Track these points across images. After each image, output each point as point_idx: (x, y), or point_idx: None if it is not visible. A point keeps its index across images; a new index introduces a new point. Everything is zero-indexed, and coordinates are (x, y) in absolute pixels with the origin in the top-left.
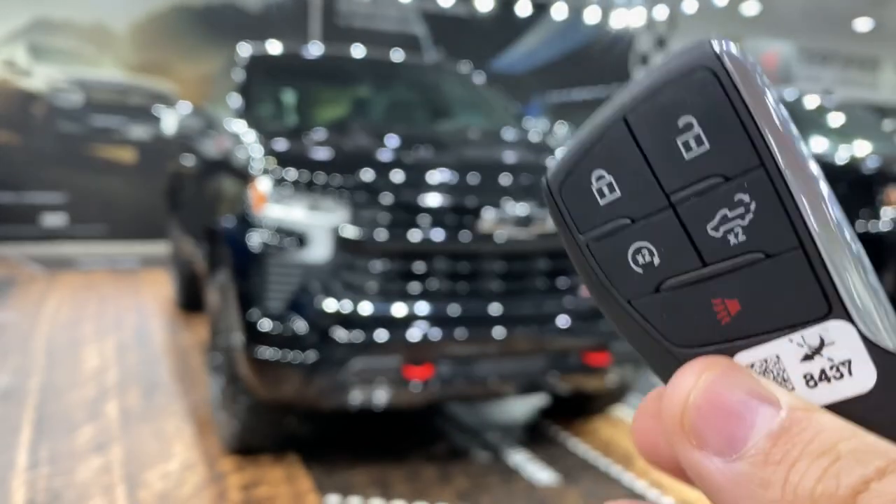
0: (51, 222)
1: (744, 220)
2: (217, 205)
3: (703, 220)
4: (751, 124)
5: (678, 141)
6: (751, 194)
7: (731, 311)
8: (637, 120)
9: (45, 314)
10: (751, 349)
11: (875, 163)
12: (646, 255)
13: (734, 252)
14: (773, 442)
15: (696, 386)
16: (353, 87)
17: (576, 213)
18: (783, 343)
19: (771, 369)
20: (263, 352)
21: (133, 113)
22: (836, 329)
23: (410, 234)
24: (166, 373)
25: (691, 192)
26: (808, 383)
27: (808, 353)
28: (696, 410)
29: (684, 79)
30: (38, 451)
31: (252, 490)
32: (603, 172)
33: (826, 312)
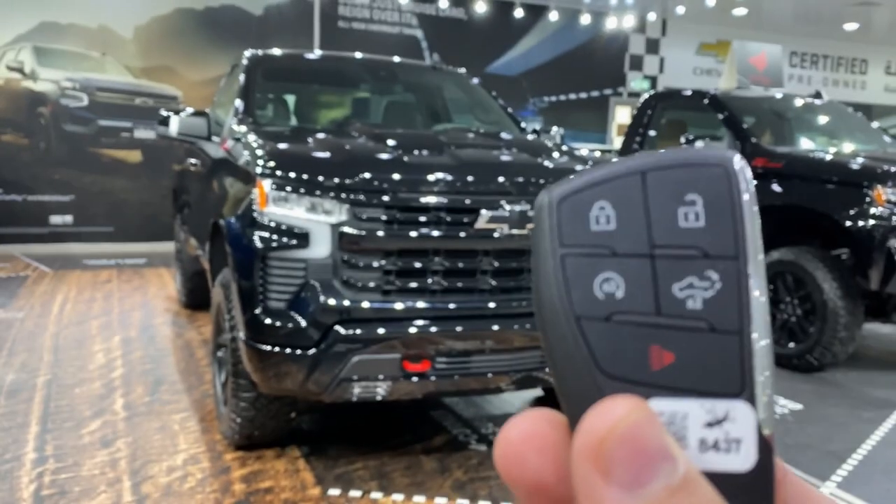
0: (58, 222)
1: (706, 293)
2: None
3: (673, 277)
4: (740, 223)
5: (679, 210)
6: (720, 276)
7: (664, 361)
8: (654, 179)
9: (53, 312)
10: (666, 399)
11: (863, 162)
12: (612, 285)
13: (688, 314)
14: (669, 494)
15: (626, 419)
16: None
17: (565, 228)
18: (695, 405)
19: (676, 423)
20: (266, 347)
21: (139, 115)
22: (740, 409)
23: (409, 232)
24: (171, 369)
25: (673, 252)
26: (701, 447)
27: (712, 421)
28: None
29: (705, 166)
30: (45, 445)
31: (255, 483)
32: (606, 205)
33: (738, 392)
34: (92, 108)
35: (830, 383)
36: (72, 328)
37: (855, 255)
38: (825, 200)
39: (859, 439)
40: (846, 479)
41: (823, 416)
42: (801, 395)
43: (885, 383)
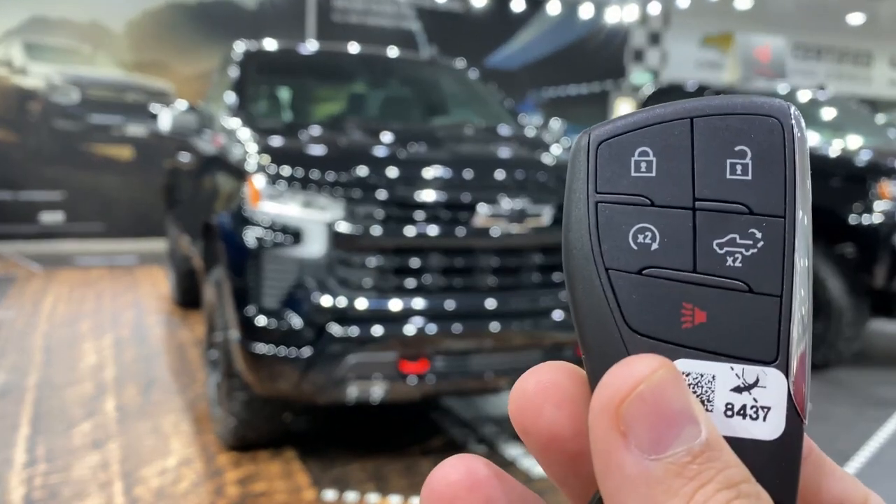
0: (48, 220)
1: (747, 252)
2: (213, 201)
3: (714, 233)
4: (791, 180)
5: (728, 161)
6: (764, 234)
7: (696, 319)
8: (703, 126)
9: (43, 311)
10: (695, 360)
11: (867, 156)
12: (648, 237)
13: (726, 273)
14: (691, 458)
15: (650, 379)
16: (349, 83)
17: (602, 173)
18: (725, 368)
19: (702, 385)
20: (260, 347)
21: (130, 110)
22: (773, 377)
23: (405, 229)
24: (163, 369)
25: (716, 206)
26: (727, 412)
27: (741, 385)
28: (640, 402)
29: (758, 117)
30: (36, 447)
31: (249, 485)
32: (648, 150)
33: (773, 359)
34: (82, 103)
35: (836, 382)
36: (63, 328)
37: (860, 251)
38: (830, 195)
39: (865, 438)
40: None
41: (829, 414)
42: None
43: (891, 381)
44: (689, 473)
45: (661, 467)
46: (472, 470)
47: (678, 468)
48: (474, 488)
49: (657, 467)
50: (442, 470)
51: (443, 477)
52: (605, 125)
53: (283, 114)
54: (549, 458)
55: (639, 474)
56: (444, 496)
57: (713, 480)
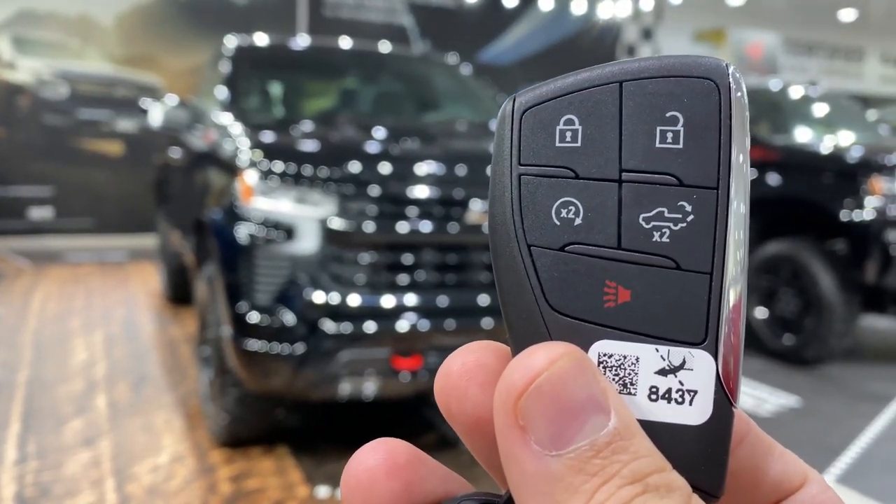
0: (37, 216)
1: (675, 226)
2: (204, 197)
3: (640, 207)
4: (726, 149)
5: (658, 128)
6: (694, 208)
7: (619, 298)
8: (633, 90)
9: (33, 308)
10: (617, 341)
11: (859, 152)
12: (571, 211)
13: (652, 249)
14: (594, 452)
15: (549, 370)
16: (341, 78)
17: (525, 143)
18: (649, 349)
19: (625, 367)
20: (252, 344)
21: (119, 105)
22: (700, 360)
23: (398, 225)
24: (155, 366)
25: (644, 178)
26: (651, 395)
27: (666, 368)
28: (538, 396)
29: (692, 79)
30: (27, 445)
31: (242, 482)
32: (574, 119)
33: (700, 341)
34: (71, 98)
35: (827, 377)
36: (53, 325)
37: (851, 247)
38: (821, 191)
39: (856, 433)
40: (843, 473)
41: (820, 409)
42: (798, 389)
43: (882, 377)
44: (591, 469)
45: (561, 464)
46: (392, 454)
47: (580, 464)
48: (392, 472)
49: (557, 464)
50: (360, 454)
51: (360, 462)
52: (531, 90)
53: (274, 109)
54: (474, 440)
55: (538, 472)
56: (362, 481)
57: (617, 475)
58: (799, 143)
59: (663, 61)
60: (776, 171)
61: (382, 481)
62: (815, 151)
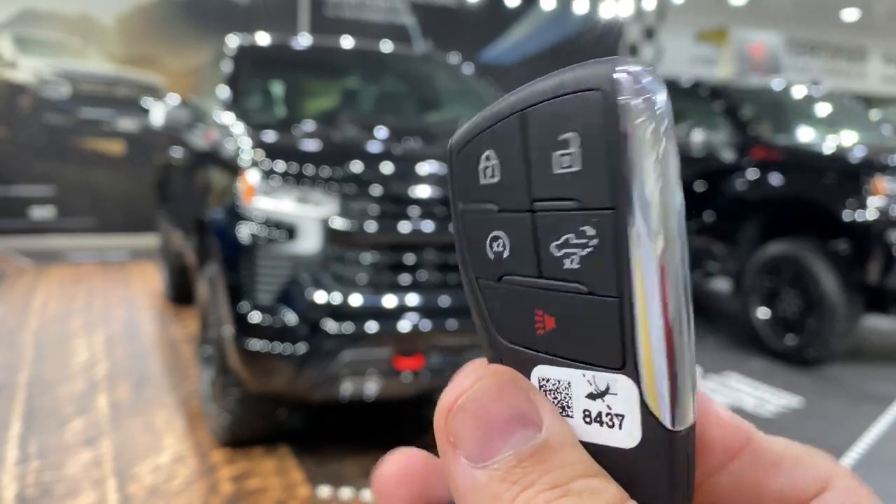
0: (39, 215)
1: (583, 251)
2: (206, 197)
3: (551, 235)
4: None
5: (553, 153)
6: (596, 231)
7: (547, 326)
8: (534, 117)
9: (34, 308)
10: (552, 367)
11: (861, 152)
12: (500, 244)
13: (565, 276)
14: (517, 462)
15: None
16: (343, 78)
17: (461, 182)
18: (577, 375)
19: (560, 391)
20: (254, 344)
21: (121, 105)
22: (623, 385)
23: (400, 225)
24: (156, 366)
25: (552, 205)
26: (585, 418)
27: (594, 392)
28: (462, 413)
29: (582, 94)
30: (28, 445)
31: (243, 482)
32: (492, 154)
33: (619, 366)
34: (73, 98)
35: (829, 377)
36: (54, 324)
37: (853, 247)
38: (823, 192)
39: (858, 434)
40: None
41: (822, 410)
42: (800, 390)
43: (885, 377)
44: (512, 477)
45: (485, 474)
46: (408, 464)
47: (503, 473)
48: (404, 482)
49: (482, 474)
50: (381, 464)
51: (380, 472)
52: (461, 130)
53: (276, 109)
54: None
55: (466, 483)
56: (380, 490)
57: (538, 482)
58: (801, 143)
59: (555, 79)
60: (778, 172)
61: (394, 491)
62: (817, 152)
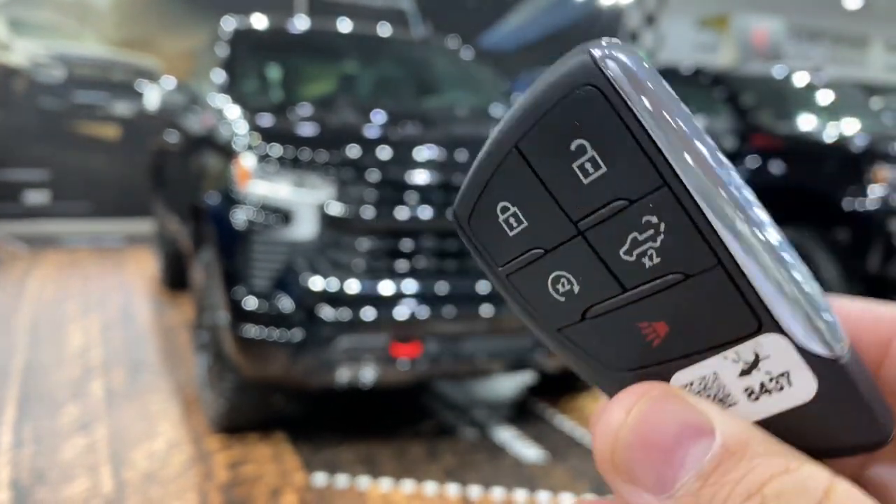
0: (33, 200)
1: (655, 242)
2: (201, 182)
3: (614, 245)
4: (646, 141)
5: (574, 166)
6: (658, 215)
7: (660, 333)
8: (529, 147)
9: (29, 293)
10: (688, 368)
11: (863, 141)
12: (565, 283)
13: (651, 275)
14: (702, 482)
15: (626, 422)
16: (340, 62)
17: (489, 246)
18: (718, 360)
19: (710, 386)
20: (249, 330)
21: (116, 89)
22: (770, 343)
23: (398, 211)
24: (152, 351)
25: (598, 218)
26: (750, 397)
27: (745, 368)
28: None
29: (567, 98)
30: (23, 430)
31: (239, 468)
32: (507, 204)
33: (756, 328)
34: (68, 81)
35: None
36: (49, 309)
37: (854, 236)
38: (824, 180)
39: None
40: None
41: None
42: None
43: None
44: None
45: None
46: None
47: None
48: None
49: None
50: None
51: None
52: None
53: (273, 92)
54: None
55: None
56: None
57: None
58: (802, 131)
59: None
60: (779, 160)
61: None
62: (818, 140)
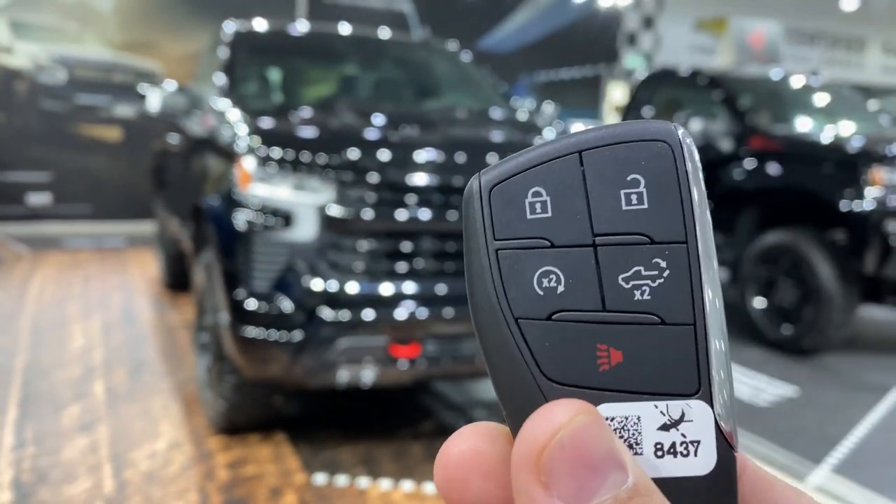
0: (35, 201)
1: (654, 283)
2: (202, 184)
3: (618, 268)
4: (688, 203)
5: (622, 192)
6: (668, 263)
7: (612, 360)
8: (592, 159)
9: (31, 293)
10: (617, 403)
11: (859, 143)
12: (552, 280)
13: (636, 307)
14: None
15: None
16: (340, 65)
17: (498, 219)
18: (648, 407)
19: (628, 428)
20: (250, 331)
21: (118, 91)
22: (698, 408)
23: (397, 213)
24: (153, 352)
25: (617, 240)
26: (657, 452)
27: (667, 423)
28: (560, 450)
29: (647, 142)
30: (24, 430)
31: (239, 469)
32: (541, 191)
33: (695, 391)
34: (69, 83)
35: (825, 367)
36: (51, 310)
37: (850, 237)
38: (821, 181)
39: (854, 423)
40: (841, 463)
41: (818, 400)
42: (796, 379)
43: (880, 367)
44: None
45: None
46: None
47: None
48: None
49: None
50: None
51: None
52: (494, 168)
53: (273, 95)
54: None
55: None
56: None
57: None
58: (800, 132)
59: (619, 128)
60: (776, 161)
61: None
62: (815, 141)
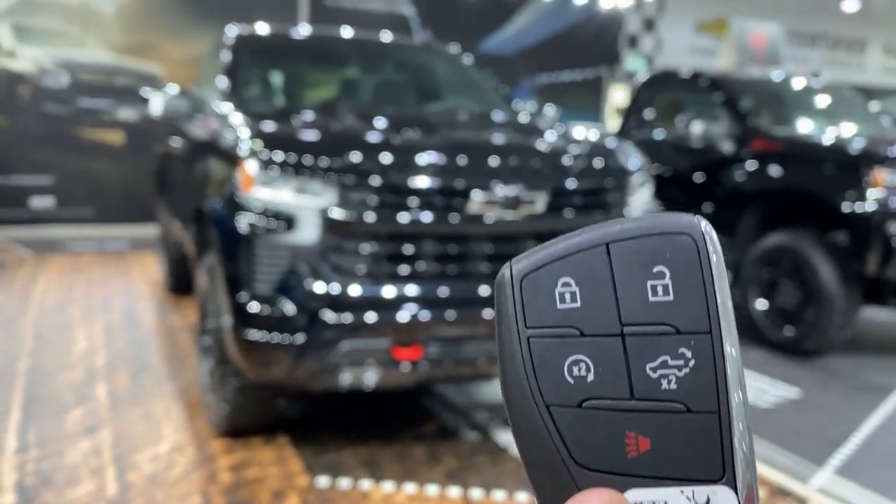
0: (38, 205)
1: (680, 372)
2: (205, 187)
3: (645, 358)
4: (711, 295)
5: (648, 283)
6: (693, 352)
7: (640, 447)
8: (619, 251)
9: (34, 297)
10: (645, 489)
11: (861, 144)
12: (582, 368)
13: (662, 396)
14: None
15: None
16: (342, 68)
17: (529, 307)
18: (675, 492)
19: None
20: (252, 334)
21: (120, 94)
22: (723, 494)
23: (399, 215)
24: (155, 355)
25: (644, 330)
26: None
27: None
28: None
29: (671, 235)
30: (27, 434)
31: (242, 471)
32: (570, 281)
33: (720, 477)
34: (72, 87)
35: (827, 369)
36: (54, 313)
37: (852, 238)
38: (823, 183)
39: (856, 425)
40: (843, 464)
41: (820, 401)
42: (798, 381)
43: (882, 368)
44: None
45: None
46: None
47: None
48: None
49: None
50: None
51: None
52: (525, 258)
53: (275, 98)
54: None
55: None
56: None
57: None
58: (801, 134)
59: (644, 222)
60: (778, 163)
61: None
62: (816, 143)
